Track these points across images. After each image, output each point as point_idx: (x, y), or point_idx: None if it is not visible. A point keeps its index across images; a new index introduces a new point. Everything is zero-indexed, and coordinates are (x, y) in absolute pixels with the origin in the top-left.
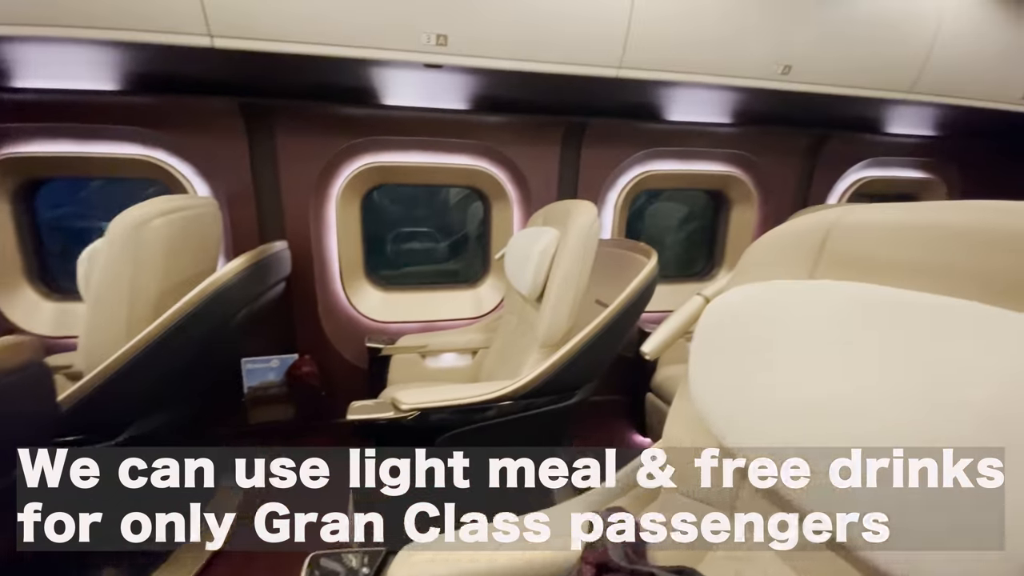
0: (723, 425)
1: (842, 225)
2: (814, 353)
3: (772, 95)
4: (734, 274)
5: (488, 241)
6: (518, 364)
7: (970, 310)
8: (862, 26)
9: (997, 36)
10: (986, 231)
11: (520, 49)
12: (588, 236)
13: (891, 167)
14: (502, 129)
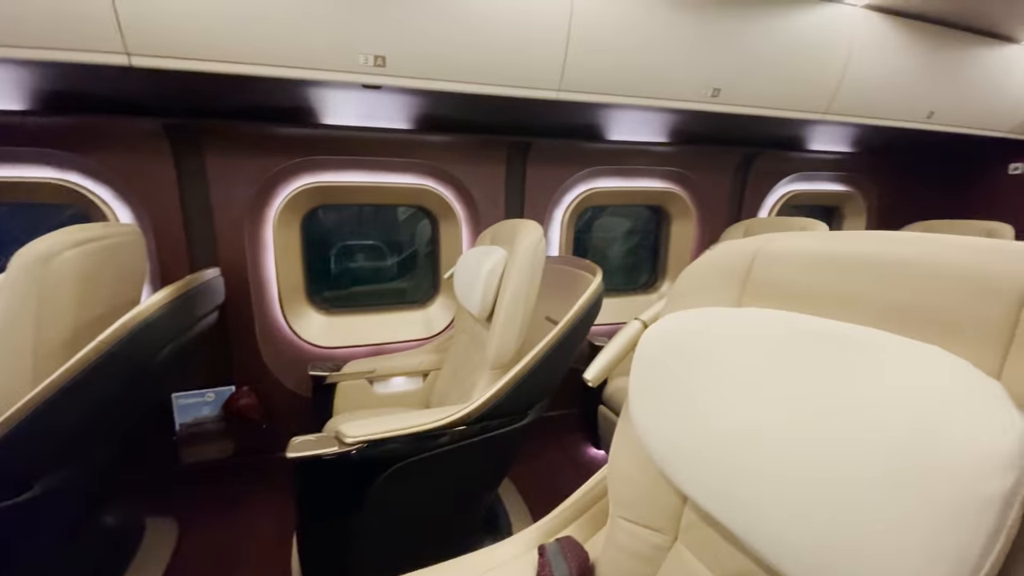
0: (663, 452)
1: (764, 253)
2: (741, 381)
3: (704, 116)
4: (668, 300)
5: (437, 260)
6: (470, 386)
7: (875, 339)
8: (782, 52)
9: (903, 61)
10: (892, 262)
11: (460, 71)
12: (535, 255)
13: (815, 181)
14: (447, 148)
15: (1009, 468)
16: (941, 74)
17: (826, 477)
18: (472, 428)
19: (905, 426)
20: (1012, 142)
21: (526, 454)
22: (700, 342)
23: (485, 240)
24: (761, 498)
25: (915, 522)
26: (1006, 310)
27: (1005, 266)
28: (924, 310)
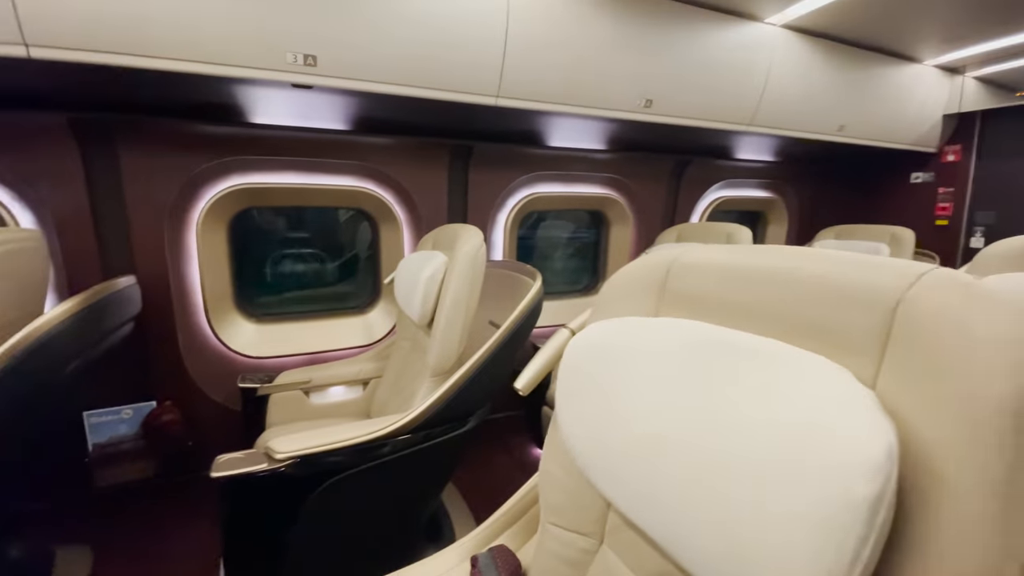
0: (585, 458)
1: (679, 264)
2: (654, 389)
3: (639, 125)
4: (594, 309)
5: (378, 264)
6: (411, 393)
7: (771, 349)
8: (709, 67)
9: (817, 77)
10: (788, 276)
11: (396, 74)
12: (476, 260)
13: (742, 188)
14: (387, 150)
15: (877, 473)
16: (851, 90)
17: (726, 482)
18: (413, 437)
19: (792, 433)
20: (914, 154)
21: (470, 458)
22: (618, 350)
23: (427, 244)
24: (672, 502)
25: (801, 524)
26: (880, 321)
27: (879, 280)
28: (816, 321)
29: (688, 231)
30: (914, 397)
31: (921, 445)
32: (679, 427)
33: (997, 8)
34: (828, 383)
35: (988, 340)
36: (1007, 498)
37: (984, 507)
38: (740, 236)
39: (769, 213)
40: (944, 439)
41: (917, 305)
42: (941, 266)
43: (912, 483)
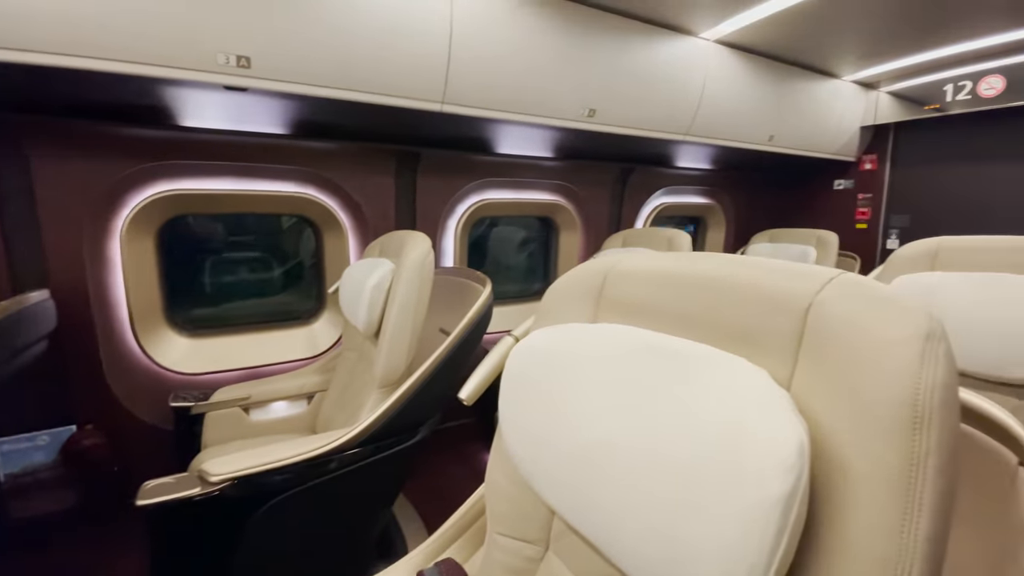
0: (528, 466)
1: (616, 271)
2: (591, 395)
3: (584, 134)
4: (537, 316)
5: (322, 273)
6: (358, 406)
7: (698, 352)
8: (649, 78)
9: (748, 90)
10: (714, 282)
11: (337, 77)
12: (423, 267)
13: (682, 194)
14: (331, 156)
15: (789, 471)
16: (779, 103)
17: (659, 484)
18: (360, 451)
19: (714, 434)
20: (836, 162)
21: (423, 468)
22: (558, 357)
23: (373, 252)
24: (610, 507)
25: (724, 523)
26: (793, 325)
27: (792, 286)
28: (740, 325)
29: (633, 236)
30: (824, 396)
31: (831, 441)
32: (615, 432)
33: (907, 29)
34: (747, 385)
35: (885, 341)
36: (904, 487)
37: (885, 496)
38: (680, 241)
39: (708, 218)
40: (849, 434)
41: (824, 309)
42: (863, 266)
43: (825, 477)
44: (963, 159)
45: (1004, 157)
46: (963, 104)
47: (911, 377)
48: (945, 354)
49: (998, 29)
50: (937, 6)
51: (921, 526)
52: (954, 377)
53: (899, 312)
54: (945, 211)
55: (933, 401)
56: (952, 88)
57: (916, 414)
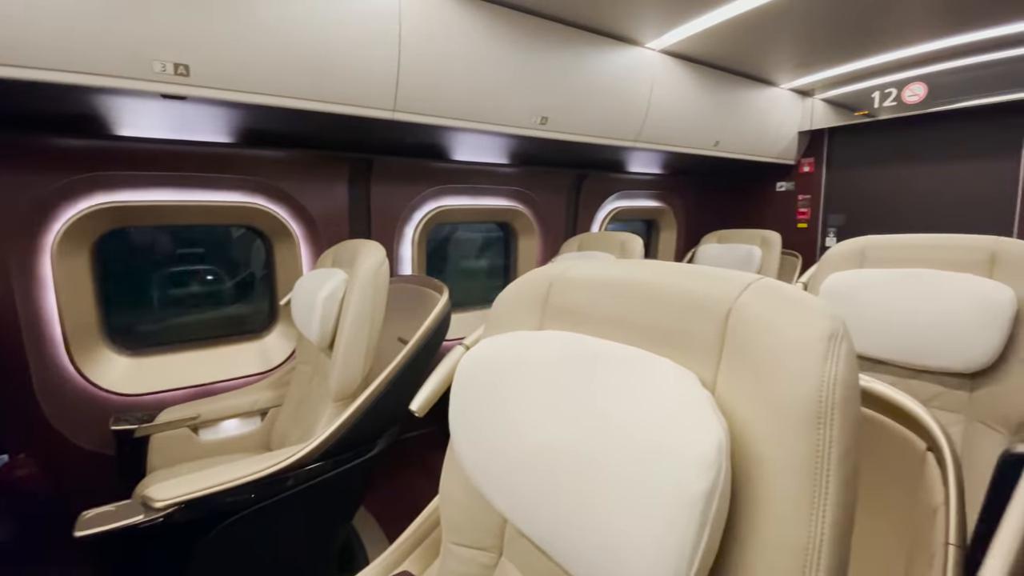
0: (479, 474)
1: (560, 280)
2: (536, 402)
3: (537, 141)
4: (487, 325)
5: (274, 284)
6: (314, 421)
7: (633, 356)
8: (599, 87)
9: (694, 98)
10: (647, 288)
11: (283, 85)
12: (377, 277)
13: (635, 198)
14: (280, 164)
15: (708, 469)
16: (723, 110)
17: (596, 486)
18: (317, 467)
19: (643, 435)
20: (778, 165)
21: (384, 479)
22: (505, 365)
23: (326, 262)
24: (555, 511)
25: (652, 521)
26: (717, 328)
27: (715, 291)
28: (672, 329)
29: (588, 240)
30: (743, 394)
31: (750, 438)
32: (557, 437)
33: (837, 41)
34: (674, 387)
35: (793, 341)
36: (812, 476)
37: (796, 486)
38: (632, 244)
39: (660, 221)
40: (765, 430)
41: (743, 313)
42: (804, 263)
43: (744, 472)
44: (890, 161)
45: (927, 159)
46: (889, 110)
47: (816, 375)
48: (846, 353)
49: (919, 40)
50: (864, 19)
51: (828, 512)
52: (854, 374)
53: (806, 314)
54: (875, 210)
55: (835, 396)
56: (879, 95)
57: (820, 409)
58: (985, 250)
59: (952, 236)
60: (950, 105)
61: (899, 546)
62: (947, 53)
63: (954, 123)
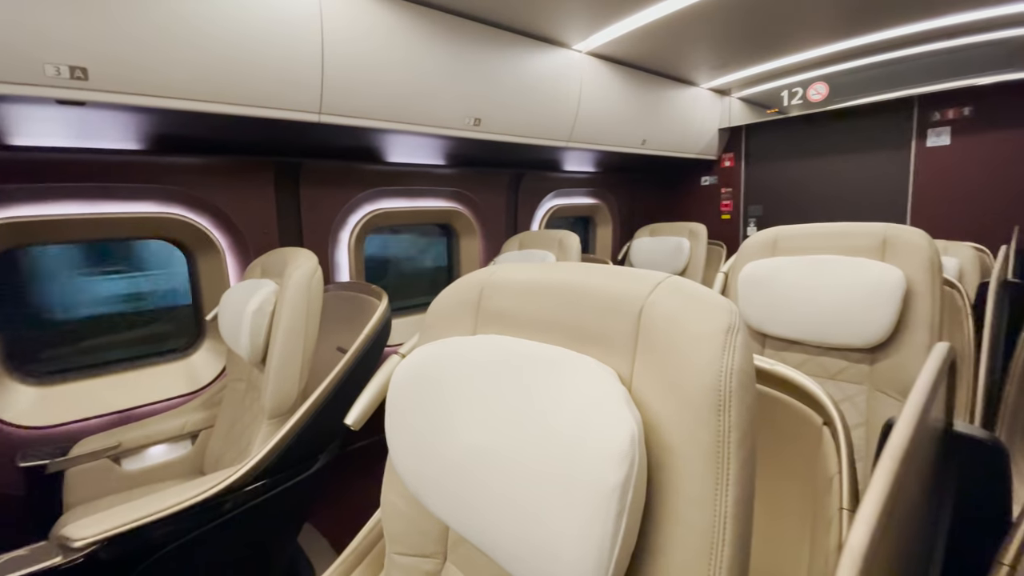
0: (417, 482)
1: (490, 284)
2: (469, 406)
3: (472, 142)
4: (421, 333)
5: (199, 299)
6: (249, 441)
7: (557, 356)
8: (530, 88)
9: (621, 98)
10: (569, 289)
11: (196, 88)
12: (311, 285)
13: (572, 196)
14: (199, 171)
15: (623, 460)
16: (648, 110)
17: (527, 484)
18: (254, 489)
19: (567, 431)
20: (702, 161)
21: (332, 493)
22: (438, 372)
23: (255, 272)
24: (490, 512)
25: (577, 513)
26: (631, 325)
27: (630, 290)
28: (593, 329)
29: (528, 239)
30: (655, 388)
31: (662, 428)
32: (488, 439)
33: (749, 43)
34: (594, 384)
35: (696, 335)
36: (715, 460)
37: (701, 470)
38: (569, 241)
39: (597, 217)
40: (674, 420)
41: (654, 309)
42: (728, 252)
43: (659, 461)
44: (801, 155)
45: (832, 152)
46: (797, 108)
47: (715, 365)
48: (742, 344)
49: (821, 43)
50: (773, 23)
51: (731, 491)
52: (749, 362)
53: (707, 309)
54: (789, 200)
55: (732, 384)
56: (788, 94)
57: (719, 397)
58: (877, 236)
59: (850, 224)
60: (849, 102)
61: (804, 512)
62: (845, 55)
63: (854, 119)
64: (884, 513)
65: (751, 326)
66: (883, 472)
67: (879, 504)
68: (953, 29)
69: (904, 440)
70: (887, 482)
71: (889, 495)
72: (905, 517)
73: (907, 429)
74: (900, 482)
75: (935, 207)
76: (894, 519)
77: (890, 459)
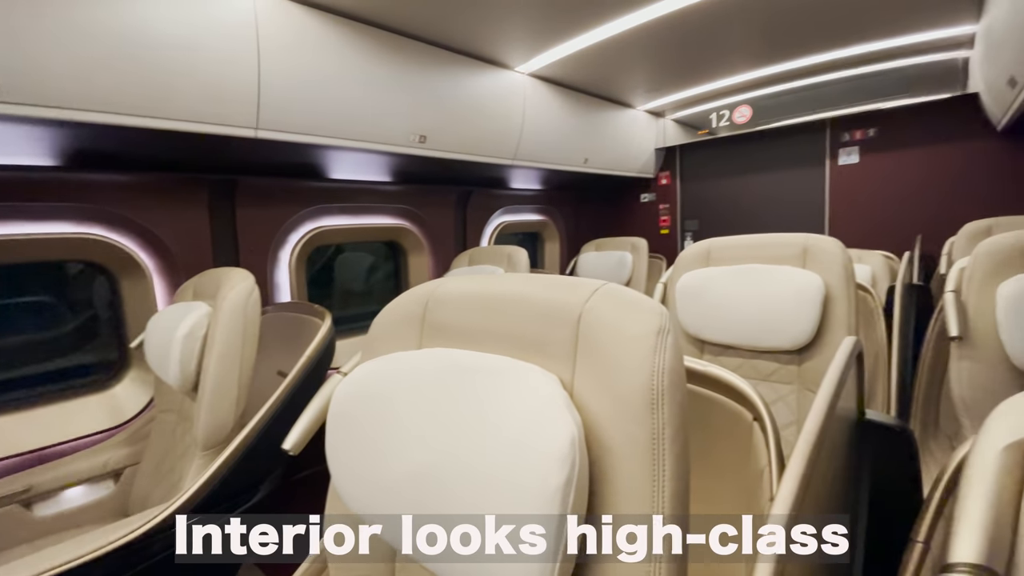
0: (360, 506)
1: (435, 297)
2: (414, 420)
3: (419, 159)
4: (364, 350)
5: (122, 326)
6: (180, 476)
7: (502, 365)
8: (476, 107)
9: (563, 119)
10: (511, 300)
11: (120, 101)
12: (247, 307)
13: (520, 213)
14: (124, 189)
15: (564, 462)
16: (590, 130)
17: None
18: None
19: (512, 437)
20: (641, 179)
21: None
22: (383, 388)
23: (186, 295)
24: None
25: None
26: (571, 332)
27: (569, 298)
28: (536, 337)
29: (478, 255)
30: (594, 390)
31: (602, 429)
32: (438, 455)
33: (680, 68)
34: (536, 391)
35: (629, 338)
36: (651, 456)
37: (639, 467)
38: (518, 256)
39: (544, 233)
40: (613, 421)
41: (591, 316)
42: (668, 264)
43: (600, 461)
44: (730, 172)
45: (757, 170)
46: (725, 129)
47: (647, 365)
48: (672, 344)
49: (744, 69)
50: (700, 50)
51: (667, 487)
52: (680, 361)
53: (639, 313)
54: (721, 215)
55: (664, 383)
56: (716, 116)
57: (652, 395)
58: (798, 245)
59: (774, 235)
60: (770, 124)
61: (739, 505)
62: (766, 80)
63: (776, 139)
64: (801, 488)
65: (689, 333)
66: (799, 454)
67: (796, 480)
68: (860, 58)
69: (816, 425)
70: (802, 462)
71: (803, 474)
72: (824, 495)
73: (818, 415)
74: (814, 462)
75: (848, 219)
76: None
77: (804, 442)
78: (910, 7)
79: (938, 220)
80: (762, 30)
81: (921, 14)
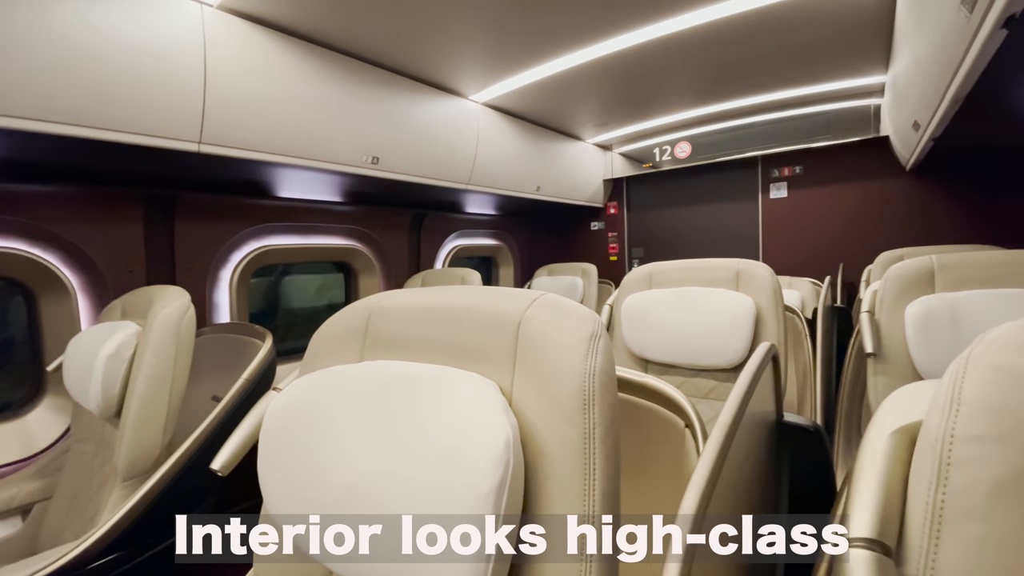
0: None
1: (378, 309)
2: (353, 435)
3: (371, 180)
4: (301, 365)
5: (39, 348)
6: (97, 510)
7: (442, 374)
8: (429, 131)
9: (516, 148)
10: (452, 311)
11: (48, 108)
12: (180, 326)
13: (475, 237)
14: (48, 201)
15: (498, 464)
16: (542, 159)
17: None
18: (103, 564)
19: (449, 443)
20: (591, 208)
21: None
22: (318, 401)
23: (113, 314)
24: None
25: (460, 520)
26: (510, 339)
27: (508, 307)
28: (476, 346)
29: (431, 277)
30: (531, 395)
31: (538, 432)
32: (375, 467)
33: (625, 105)
34: (474, 397)
35: (564, 343)
36: (582, 457)
37: (572, 467)
38: (471, 278)
39: (499, 257)
40: (547, 423)
41: (529, 324)
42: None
43: (535, 463)
44: (673, 203)
45: (698, 201)
46: (668, 163)
47: (579, 368)
48: (603, 348)
49: (684, 107)
50: (643, 89)
51: (597, 487)
52: (611, 364)
53: (574, 320)
54: (665, 242)
55: (595, 385)
56: (659, 150)
57: (584, 397)
58: (732, 269)
59: (710, 260)
60: (709, 160)
61: (672, 507)
62: (704, 119)
63: (714, 173)
64: (711, 479)
65: (634, 353)
66: (708, 452)
67: (708, 468)
68: (786, 102)
69: (726, 423)
70: (714, 452)
71: (715, 463)
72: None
73: (730, 411)
74: (723, 460)
75: (780, 248)
76: (727, 494)
77: (714, 440)
78: (828, 57)
79: (859, 249)
80: (701, 72)
81: (837, 64)
